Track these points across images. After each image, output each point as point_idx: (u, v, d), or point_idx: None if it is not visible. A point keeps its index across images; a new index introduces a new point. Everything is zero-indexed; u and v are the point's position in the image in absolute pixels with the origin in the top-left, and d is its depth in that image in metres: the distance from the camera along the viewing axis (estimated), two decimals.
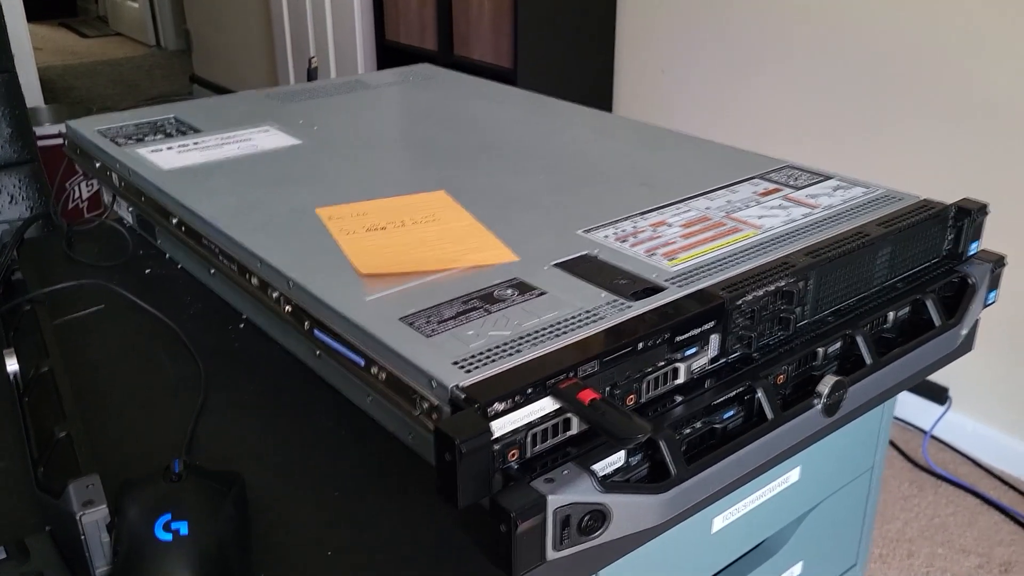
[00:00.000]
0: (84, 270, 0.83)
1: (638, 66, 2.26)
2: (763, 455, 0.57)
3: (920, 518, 1.69)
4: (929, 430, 1.90)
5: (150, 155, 0.85)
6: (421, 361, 0.51)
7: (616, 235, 0.67)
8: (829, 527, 0.80)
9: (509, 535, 0.45)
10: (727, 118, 2.10)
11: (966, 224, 0.71)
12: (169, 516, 0.46)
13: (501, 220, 0.71)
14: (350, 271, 0.63)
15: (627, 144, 0.89)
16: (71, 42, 5.95)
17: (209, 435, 0.60)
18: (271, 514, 0.53)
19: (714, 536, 0.67)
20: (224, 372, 0.67)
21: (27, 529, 0.50)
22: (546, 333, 0.54)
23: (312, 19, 2.95)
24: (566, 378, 0.49)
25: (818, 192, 0.75)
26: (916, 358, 0.66)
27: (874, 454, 0.81)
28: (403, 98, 1.08)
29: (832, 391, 0.59)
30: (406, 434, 0.58)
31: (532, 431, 0.49)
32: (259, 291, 0.67)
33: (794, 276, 0.60)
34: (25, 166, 1.11)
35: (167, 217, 0.78)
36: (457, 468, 0.45)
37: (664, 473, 0.51)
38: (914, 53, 1.73)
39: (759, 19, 1.97)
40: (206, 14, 4.33)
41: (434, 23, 2.36)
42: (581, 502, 0.47)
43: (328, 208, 0.73)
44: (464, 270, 0.63)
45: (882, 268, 0.67)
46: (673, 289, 0.59)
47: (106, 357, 0.69)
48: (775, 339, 0.61)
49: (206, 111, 1.00)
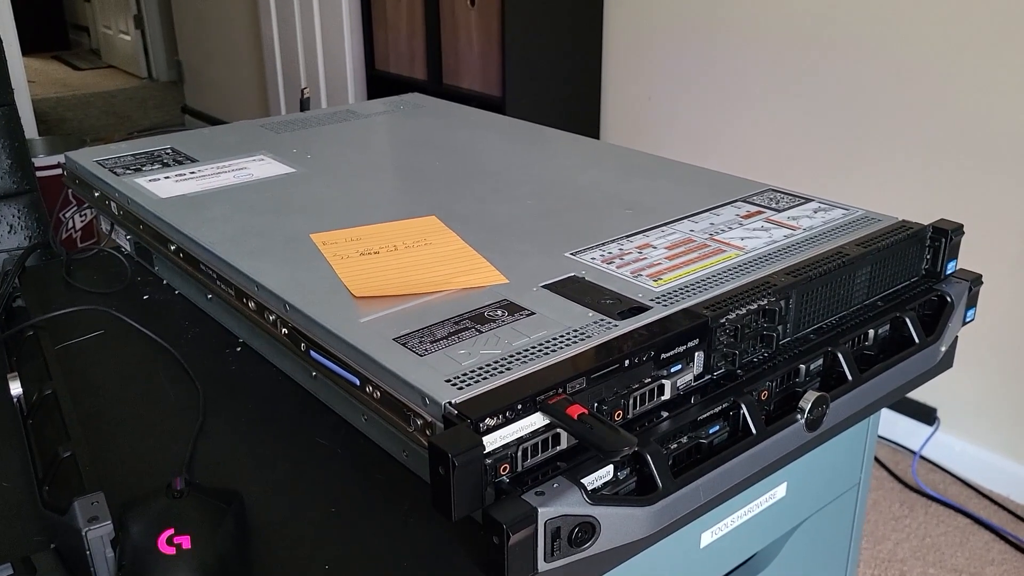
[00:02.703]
0: (84, 297, 0.85)
1: (625, 94, 2.29)
2: (748, 469, 0.59)
3: (911, 538, 1.71)
4: (918, 451, 1.91)
5: (148, 184, 0.87)
6: (414, 379, 0.53)
7: (603, 257, 0.69)
8: (817, 543, 0.82)
9: (502, 547, 0.47)
10: (712, 144, 2.13)
11: (943, 244, 0.73)
12: (172, 531, 0.47)
13: (491, 244, 0.73)
14: (345, 294, 0.65)
15: (613, 170, 0.91)
16: (64, 74, 5.98)
17: (208, 455, 0.62)
18: (269, 531, 0.55)
19: (703, 551, 0.68)
20: (222, 394, 0.68)
21: (33, 547, 0.52)
22: (535, 351, 0.56)
23: (303, 49, 2.98)
24: (555, 394, 0.51)
25: (799, 214, 0.77)
26: (897, 374, 0.68)
27: (860, 470, 0.83)
28: (394, 127, 1.10)
29: (814, 406, 0.61)
30: (400, 451, 0.59)
31: (523, 446, 0.50)
32: (256, 315, 0.69)
33: (776, 295, 0.62)
34: (24, 196, 1.13)
35: (165, 244, 0.80)
36: (451, 481, 0.46)
37: (651, 486, 0.53)
38: (894, 83, 1.76)
39: (743, 48, 2.00)
40: (198, 46, 4.37)
41: (423, 52, 2.40)
42: (571, 514, 0.49)
43: (323, 234, 0.75)
44: (455, 292, 0.65)
45: (862, 287, 0.69)
46: (658, 308, 0.61)
47: (107, 381, 0.71)
48: (758, 356, 0.62)
49: (201, 141, 1.02)
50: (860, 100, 1.83)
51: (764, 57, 1.97)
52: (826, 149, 1.91)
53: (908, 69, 1.74)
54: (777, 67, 1.95)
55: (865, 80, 1.81)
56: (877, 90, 1.79)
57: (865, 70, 1.80)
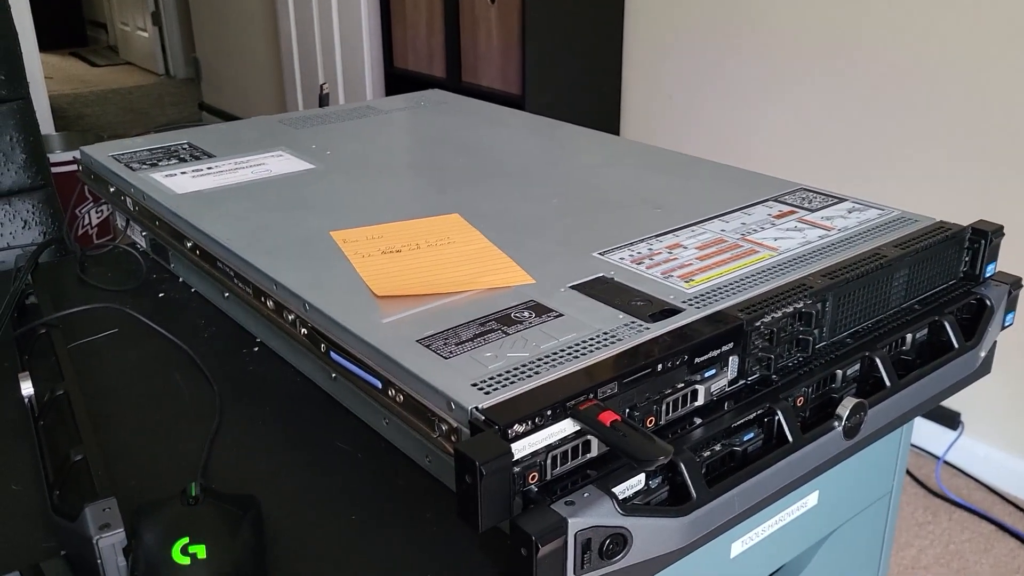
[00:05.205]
0: (98, 294, 0.83)
1: (646, 92, 2.27)
2: (784, 478, 0.56)
3: (935, 545, 1.68)
4: (942, 456, 1.88)
5: (164, 180, 0.86)
6: (439, 383, 0.51)
7: (632, 257, 0.67)
8: (847, 553, 0.79)
9: (530, 559, 0.45)
10: (735, 142, 2.11)
11: (982, 246, 0.71)
12: (187, 540, 0.45)
13: (515, 243, 0.71)
14: (366, 293, 0.63)
15: (638, 167, 0.89)
16: (82, 71, 6.00)
17: (224, 459, 0.60)
18: (287, 538, 0.53)
19: (733, 561, 0.66)
20: (239, 396, 0.67)
21: (42, 553, 0.50)
22: (564, 355, 0.54)
23: (321, 46, 2.97)
24: (585, 400, 0.49)
25: (833, 214, 0.75)
26: (935, 380, 0.66)
27: (892, 479, 0.80)
28: (415, 123, 1.08)
29: (852, 413, 0.59)
30: (423, 457, 0.58)
31: (552, 453, 0.48)
32: (274, 314, 0.67)
33: (812, 298, 0.60)
34: (39, 191, 1.12)
35: (181, 241, 0.78)
36: (478, 490, 0.44)
37: (685, 496, 0.51)
38: (926, 77, 1.73)
39: (766, 44, 1.97)
40: (215, 43, 4.37)
41: (443, 50, 2.38)
42: (602, 525, 0.47)
43: (343, 231, 0.73)
44: (480, 292, 0.63)
45: (899, 290, 0.67)
46: (691, 310, 0.59)
47: (121, 381, 0.69)
48: (794, 361, 0.60)
49: (219, 136, 1.01)
50: (891, 97, 1.79)
51: (789, 53, 1.94)
52: (854, 148, 1.88)
53: (943, 63, 1.71)
54: (803, 63, 1.92)
55: (896, 75, 1.78)
56: (909, 86, 1.76)
57: (897, 64, 1.77)
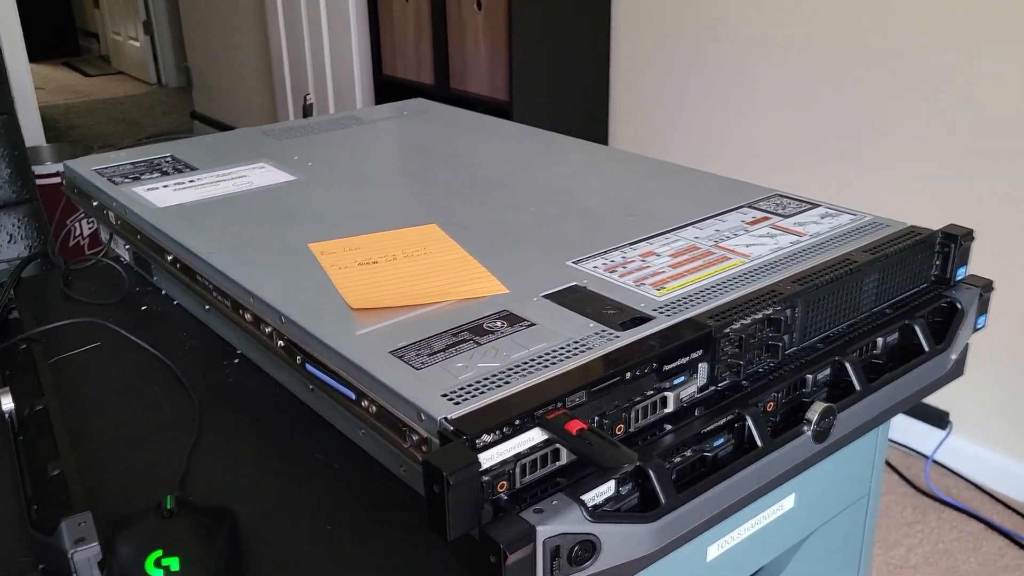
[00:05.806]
0: (81, 308, 0.84)
1: (633, 98, 2.27)
2: (754, 482, 0.57)
3: (924, 544, 1.69)
4: (930, 455, 1.89)
5: (146, 193, 0.86)
6: (410, 394, 0.52)
7: (605, 265, 0.68)
8: (826, 555, 0.80)
9: (499, 566, 0.45)
10: (721, 148, 2.12)
11: (953, 250, 0.71)
12: (160, 552, 0.46)
13: (492, 252, 0.72)
14: (341, 305, 0.63)
15: (617, 176, 0.90)
16: (73, 81, 6.00)
17: (203, 470, 0.61)
18: (265, 549, 0.54)
19: (709, 565, 0.67)
20: (219, 407, 0.67)
21: (20, 567, 0.51)
22: (535, 364, 0.54)
23: (310, 55, 2.97)
24: (554, 408, 0.49)
25: (806, 220, 0.76)
26: (906, 383, 0.67)
27: (870, 479, 0.81)
28: (397, 133, 1.09)
29: (821, 417, 0.59)
30: (398, 467, 0.58)
31: (521, 462, 0.49)
32: (252, 327, 0.67)
33: (782, 304, 0.61)
34: (24, 206, 1.12)
35: (162, 254, 0.79)
36: (446, 500, 0.45)
37: (654, 502, 0.51)
38: (902, 86, 1.74)
39: (751, 52, 1.98)
40: (206, 52, 4.37)
41: (430, 57, 2.39)
42: (571, 532, 0.47)
43: (320, 243, 0.74)
44: (455, 303, 0.63)
45: (870, 294, 0.68)
46: (661, 318, 0.59)
47: (101, 394, 0.70)
48: (764, 366, 0.61)
49: (203, 149, 1.01)
50: (868, 104, 1.81)
51: (772, 61, 1.95)
52: (834, 153, 1.89)
53: (915, 72, 1.72)
54: (785, 71, 1.93)
55: (873, 84, 1.79)
56: (885, 94, 1.78)
57: (872, 73, 1.79)
